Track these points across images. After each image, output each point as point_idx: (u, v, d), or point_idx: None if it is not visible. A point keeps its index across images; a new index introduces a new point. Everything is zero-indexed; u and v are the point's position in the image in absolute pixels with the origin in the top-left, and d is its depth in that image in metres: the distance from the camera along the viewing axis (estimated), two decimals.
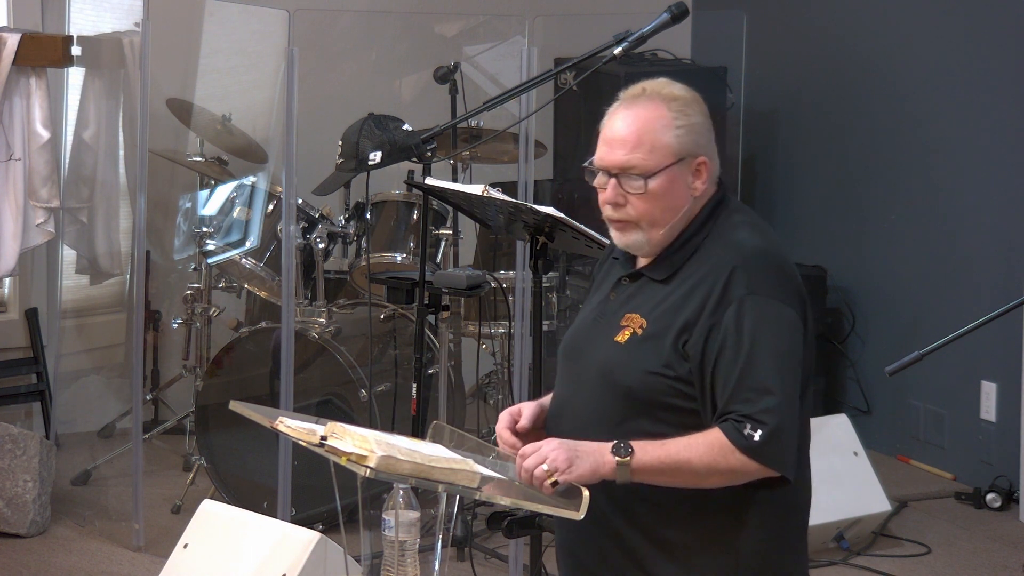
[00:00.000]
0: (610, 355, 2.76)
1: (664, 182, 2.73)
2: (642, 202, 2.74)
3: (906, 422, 6.30)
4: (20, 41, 5.37)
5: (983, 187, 5.99)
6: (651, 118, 2.74)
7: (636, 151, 2.72)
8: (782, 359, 2.65)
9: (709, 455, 2.60)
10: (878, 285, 6.50)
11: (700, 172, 2.76)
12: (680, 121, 2.74)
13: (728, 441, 2.60)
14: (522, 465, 2.62)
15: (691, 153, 2.74)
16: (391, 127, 4.32)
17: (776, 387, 2.62)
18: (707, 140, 2.77)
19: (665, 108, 2.74)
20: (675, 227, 2.77)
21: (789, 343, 2.67)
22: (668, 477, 2.63)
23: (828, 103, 6.79)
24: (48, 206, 5.51)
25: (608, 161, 2.75)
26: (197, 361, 5.88)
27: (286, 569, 3.55)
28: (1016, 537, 5.46)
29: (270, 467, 4.98)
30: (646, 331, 2.72)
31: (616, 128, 2.76)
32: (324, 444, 2.59)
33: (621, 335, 2.75)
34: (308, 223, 5.41)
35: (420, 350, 4.09)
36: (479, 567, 4.85)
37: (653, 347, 2.70)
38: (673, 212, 2.75)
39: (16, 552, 5.10)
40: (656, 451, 2.62)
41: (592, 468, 2.61)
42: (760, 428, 2.59)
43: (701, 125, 2.76)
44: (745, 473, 2.62)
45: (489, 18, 6.65)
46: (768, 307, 2.66)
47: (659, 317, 2.72)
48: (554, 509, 2.60)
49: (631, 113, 2.75)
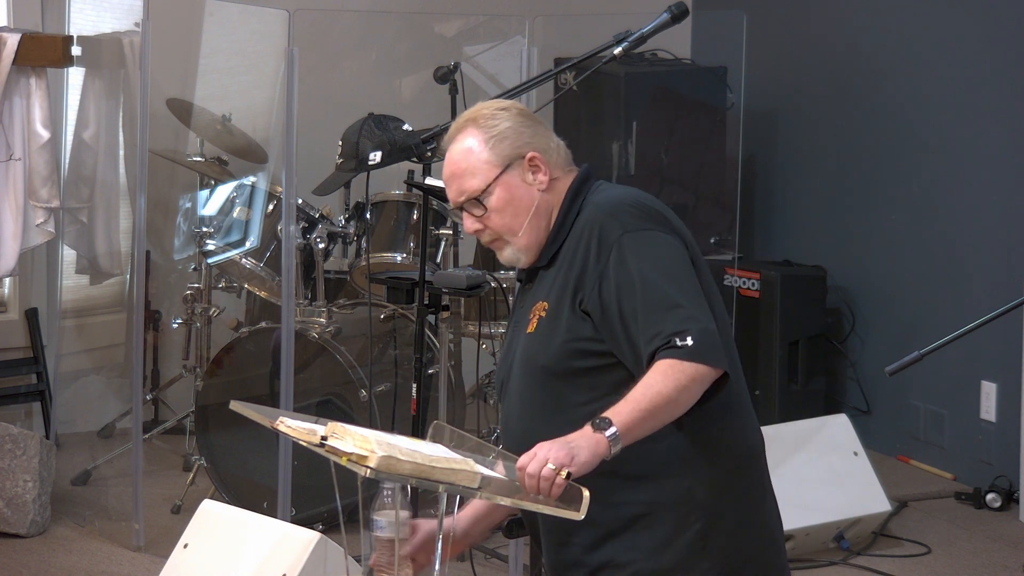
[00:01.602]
0: (525, 346, 2.86)
1: (501, 192, 2.85)
2: (493, 219, 2.87)
3: (906, 422, 6.30)
4: (20, 41, 5.38)
5: (982, 187, 5.99)
6: (464, 145, 2.87)
7: (465, 182, 2.86)
8: (674, 274, 2.72)
9: (670, 379, 2.63)
10: (878, 285, 6.50)
11: (537, 166, 2.86)
12: (490, 133, 2.85)
13: (675, 360, 2.63)
14: (526, 474, 2.61)
15: (515, 155, 2.85)
16: (391, 127, 4.32)
17: (680, 299, 2.69)
18: (529, 136, 2.87)
19: (475, 128, 2.87)
20: (538, 223, 2.86)
21: (674, 258, 2.75)
22: (652, 421, 2.65)
23: (828, 103, 6.80)
24: (48, 206, 5.51)
25: (452, 199, 2.91)
26: (197, 361, 5.88)
27: (286, 569, 3.55)
28: (1016, 537, 5.46)
29: (270, 467, 4.98)
30: (548, 311, 2.81)
31: (445, 168, 2.91)
32: (324, 444, 2.59)
33: (530, 326, 2.84)
34: (308, 223, 5.41)
35: (420, 350, 4.09)
36: (479, 567, 4.85)
37: (556, 321, 2.79)
38: (523, 213, 2.86)
39: (16, 552, 5.10)
40: (627, 406, 2.64)
41: (591, 455, 2.61)
42: (688, 335, 2.64)
43: (514, 126, 2.86)
44: (701, 378, 2.65)
45: (489, 18, 6.65)
46: (641, 237, 2.75)
47: (555, 294, 2.81)
48: (554, 510, 2.60)
49: (450, 151, 2.90)
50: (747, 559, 2.83)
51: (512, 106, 2.91)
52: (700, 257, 2.84)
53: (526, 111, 2.92)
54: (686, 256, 2.78)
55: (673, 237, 2.78)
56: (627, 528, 2.80)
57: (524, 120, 2.88)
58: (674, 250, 2.77)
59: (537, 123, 2.90)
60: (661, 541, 2.78)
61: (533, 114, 2.93)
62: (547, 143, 2.89)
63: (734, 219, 6.42)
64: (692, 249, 2.82)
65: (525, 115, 2.90)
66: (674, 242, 2.77)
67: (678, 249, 2.77)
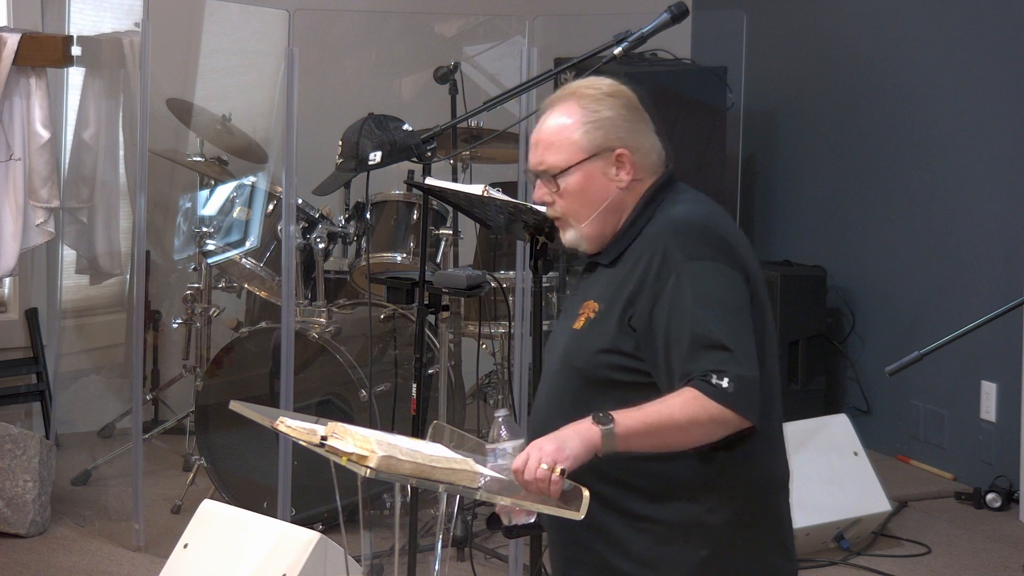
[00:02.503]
0: (568, 342, 2.84)
1: (579, 178, 2.82)
2: (562, 199, 2.84)
3: (906, 422, 6.30)
4: (20, 41, 5.37)
5: (983, 187, 5.99)
6: (558, 119, 2.84)
7: (547, 153, 2.84)
8: (729, 314, 2.69)
9: (688, 408, 2.62)
10: (878, 285, 6.50)
11: (622, 163, 2.82)
12: (588, 118, 2.82)
13: (702, 394, 2.62)
14: (523, 479, 2.61)
15: (605, 147, 2.81)
16: (391, 127, 4.31)
17: (729, 341, 2.65)
18: (626, 131, 2.83)
19: (576, 106, 2.83)
20: (608, 218, 2.83)
21: (733, 298, 2.71)
22: (654, 438, 2.65)
23: (828, 103, 6.80)
24: (48, 206, 5.51)
25: (531, 163, 2.87)
26: (197, 361, 5.88)
27: (286, 569, 3.55)
28: (1016, 537, 5.46)
29: (270, 467, 4.98)
30: (598, 313, 2.79)
31: (536, 132, 2.88)
32: (325, 444, 2.59)
33: (578, 322, 2.82)
34: (308, 223, 5.41)
35: (420, 350, 4.09)
36: (479, 567, 4.85)
37: (603, 327, 2.77)
38: (594, 205, 2.83)
39: (16, 552, 5.10)
40: (636, 414, 2.64)
41: (582, 444, 2.61)
42: (726, 377, 2.62)
43: (615, 118, 2.82)
44: (724, 423, 2.63)
45: (489, 18, 6.65)
46: (705, 268, 2.71)
47: (608, 297, 2.79)
48: (554, 509, 2.60)
49: (545, 117, 2.87)
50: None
51: (622, 94, 2.86)
52: (762, 288, 2.79)
53: (633, 103, 2.87)
54: (745, 294, 2.73)
55: (735, 272, 2.73)
56: (634, 541, 2.78)
57: (627, 114, 2.84)
58: (734, 288, 2.72)
59: (640, 120, 2.86)
60: (665, 560, 2.76)
61: (640, 109, 2.87)
62: (642, 142, 2.85)
63: (734, 219, 6.43)
64: (754, 282, 2.77)
65: (630, 108, 2.85)
66: (735, 278, 2.73)
67: (738, 287, 2.73)
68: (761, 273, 2.83)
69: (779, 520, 2.85)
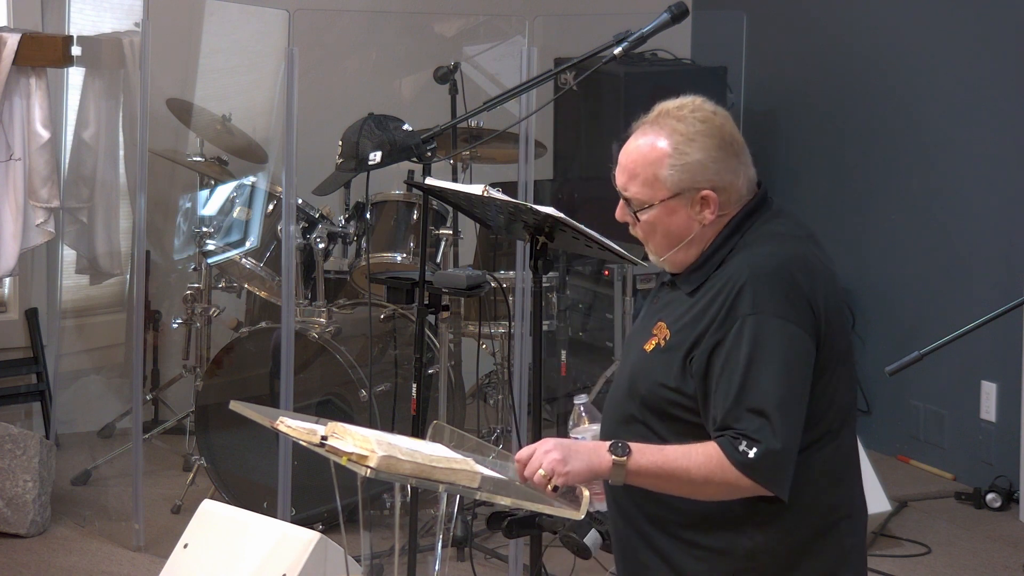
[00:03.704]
0: (636, 362, 2.79)
1: (659, 214, 2.76)
2: (641, 229, 2.80)
3: (906, 422, 6.30)
4: (20, 41, 5.37)
5: (983, 187, 5.99)
6: (646, 149, 2.75)
7: (631, 183, 2.77)
8: (782, 378, 2.62)
9: (707, 466, 2.60)
10: (878, 285, 6.50)
11: (706, 203, 2.75)
12: (676, 160, 2.73)
13: (724, 456, 2.60)
14: (522, 471, 2.62)
15: (689, 188, 2.74)
16: (391, 127, 4.32)
17: (772, 407, 2.60)
18: (715, 171, 2.74)
19: (667, 141, 2.74)
20: (689, 249, 2.77)
21: (792, 362, 2.64)
22: (663, 483, 2.64)
23: (828, 103, 6.79)
24: (48, 206, 5.50)
25: (617, 182, 2.81)
26: (197, 361, 5.88)
27: (286, 569, 3.55)
28: (1016, 537, 5.46)
29: (270, 467, 4.98)
30: (668, 342, 2.74)
31: (624, 151, 2.80)
32: (325, 444, 2.59)
33: (649, 343, 2.77)
34: (308, 223, 5.41)
35: (420, 350, 4.09)
36: (479, 567, 4.85)
37: (669, 360, 2.72)
38: (675, 240, 2.77)
39: (16, 552, 5.10)
40: (654, 455, 2.62)
41: (587, 466, 2.60)
42: (755, 446, 2.58)
43: (704, 161, 2.74)
44: (739, 488, 2.61)
45: (489, 18, 6.65)
46: (771, 325, 2.64)
47: (680, 330, 2.73)
48: (554, 509, 2.60)
49: (636, 140, 2.78)
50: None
51: (715, 131, 2.75)
52: (834, 334, 2.70)
53: (726, 140, 2.76)
54: (806, 360, 2.66)
55: (805, 335, 2.65)
56: (687, 563, 2.75)
57: (719, 155, 2.75)
58: (796, 353, 2.64)
59: (732, 156, 2.76)
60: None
61: (734, 143, 2.77)
62: (732, 179, 2.76)
63: None
64: (825, 341, 2.68)
65: (724, 148, 2.76)
66: (802, 342, 2.65)
67: (800, 352, 2.65)
68: (842, 308, 2.76)
69: (841, 554, 2.78)
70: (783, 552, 2.72)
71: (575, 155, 6.72)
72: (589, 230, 3.42)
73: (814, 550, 2.75)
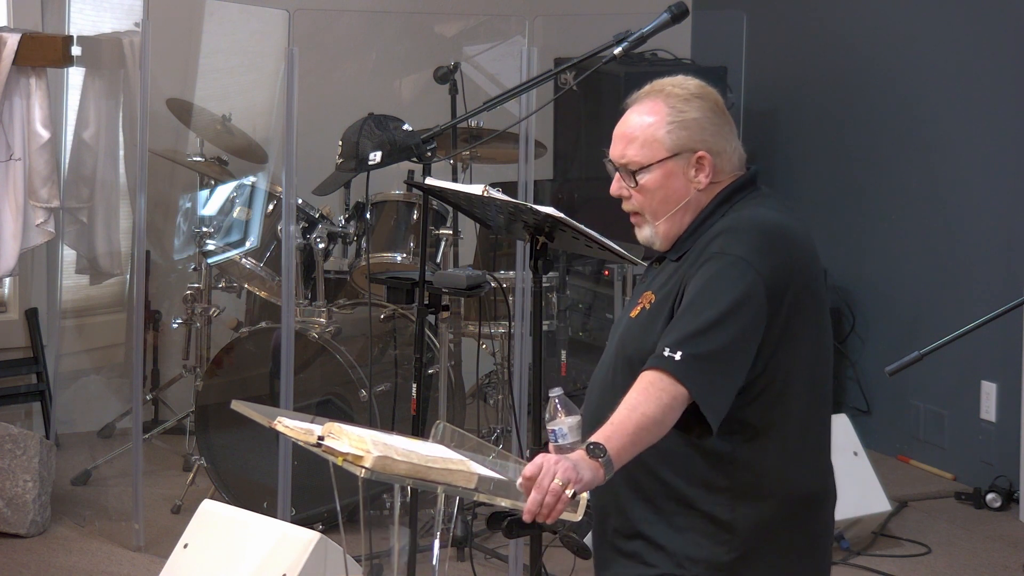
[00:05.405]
0: (624, 331, 2.86)
1: (658, 176, 2.83)
2: (639, 194, 2.85)
3: (906, 422, 6.30)
4: (20, 41, 5.37)
5: (983, 187, 5.99)
6: (646, 115, 2.85)
7: (629, 147, 2.85)
8: (722, 312, 2.66)
9: (651, 397, 2.61)
10: (878, 285, 6.50)
11: (702, 166, 2.82)
12: (673, 117, 2.82)
13: (651, 370, 2.63)
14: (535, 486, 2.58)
15: (687, 148, 2.82)
16: (391, 127, 4.31)
17: (706, 327, 2.64)
18: (710, 134, 2.83)
19: (663, 104, 2.84)
20: (682, 217, 2.84)
21: (741, 303, 2.68)
22: (640, 445, 2.64)
23: (828, 103, 6.80)
24: (48, 206, 5.51)
25: (612, 155, 2.89)
26: (197, 361, 5.88)
27: (286, 569, 3.56)
28: (1016, 537, 5.46)
29: (270, 467, 4.98)
30: (653, 304, 2.80)
31: (619, 124, 2.90)
32: (321, 444, 2.59)
33: (635, 311, 2.84)
34: (308, 223, 5.41)
35: (420, 350, 4.09)
36: (479, 567, 4.85)
37: (654, 319, 2.78)
38: (671, 204, 2.83)
39: (16, 552, 5.10)
40: (620, 433, 2.60)
41: (592, 473, 2.61)
42: (680, 350, 2.62)
43: (701, 120, 2.82)
44: (675, 396, 2.61)
45: (489, 18, 6.65)
46: (729, 265, 2.70)
47: (664, 291, 2.80)
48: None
49: (632, 110, 2.89)
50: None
51: (709, 96, 2.86)
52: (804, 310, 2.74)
53: (720, 106, 2.87)
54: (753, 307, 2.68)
55: (760, 281, 2.68)
56: (664, 533, 2.79)
57: (713, 117, 2.84)
58: (745, 296, 2.68)
59: (726, 122, 2.86)
60: (691, 557, 2.77)
61: (725, 112, 2.87)
62: (725, 145, 2.84)
63: None
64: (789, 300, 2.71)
65: (717, 112, 2.85)
66: (753, 287, 2.68)
67: (751, 296, 2.68)
68: (818, 290, 2.79)
69: (810, 538, 2.83)
70: (754, 530, 2.75)
71: (575, 155, 6.72)
72: (589, 230, 3.41)
73: (778, 534, 2.78)
